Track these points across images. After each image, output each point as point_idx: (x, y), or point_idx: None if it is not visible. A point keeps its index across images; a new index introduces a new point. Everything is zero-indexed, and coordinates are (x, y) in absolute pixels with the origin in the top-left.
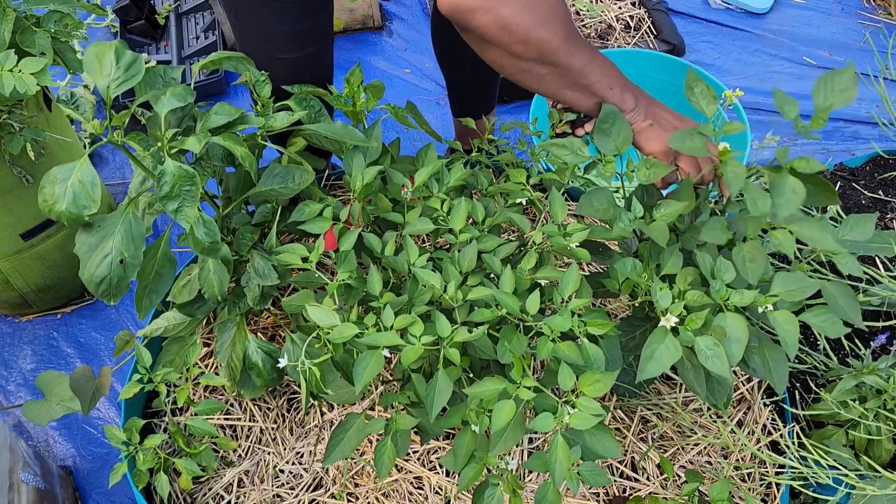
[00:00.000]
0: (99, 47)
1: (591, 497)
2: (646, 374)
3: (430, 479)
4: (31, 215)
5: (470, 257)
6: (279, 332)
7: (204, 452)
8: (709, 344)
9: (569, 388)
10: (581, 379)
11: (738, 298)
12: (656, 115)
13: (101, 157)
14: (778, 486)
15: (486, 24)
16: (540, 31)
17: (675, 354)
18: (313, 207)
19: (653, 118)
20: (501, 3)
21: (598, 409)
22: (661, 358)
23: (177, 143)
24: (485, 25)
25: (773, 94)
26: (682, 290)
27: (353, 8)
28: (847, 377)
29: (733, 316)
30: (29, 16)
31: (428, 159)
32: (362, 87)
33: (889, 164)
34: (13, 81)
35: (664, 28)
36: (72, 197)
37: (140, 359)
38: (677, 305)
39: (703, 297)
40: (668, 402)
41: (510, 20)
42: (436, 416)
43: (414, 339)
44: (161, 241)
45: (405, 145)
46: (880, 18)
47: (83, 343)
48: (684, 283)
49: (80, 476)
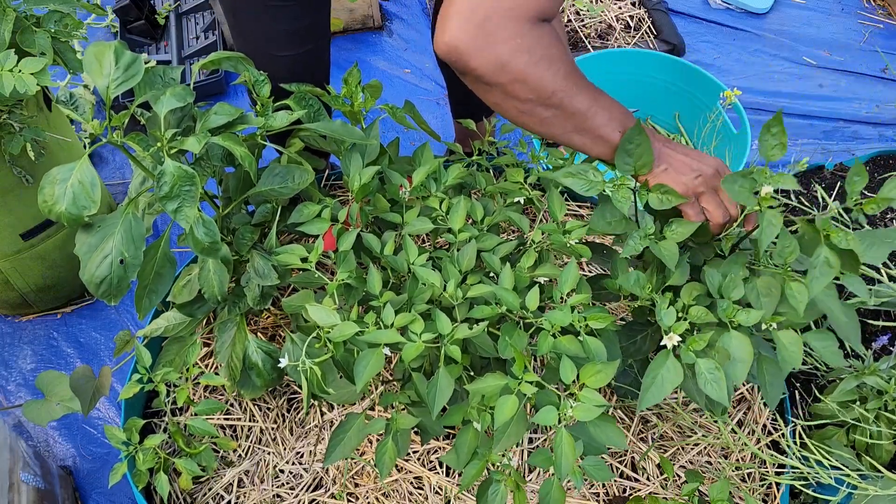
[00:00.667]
0: (98, 47)
1: (592, 497)
2: (647, 402)
3: (430, 479)
4: (31, 215)
5: (469, 256)
6: (279, 332)
7: (204, 452)
8: (710, 367)
9: (570, 380)
10: (582, 371)
11: (745, 318)
12: (670, 158)
13: (101, 157)
14: (778, 486)
15: (481, 64)
16: (537, 69)
17: (677, 379)
18: (312, 208)
19: (666, 163)
20: (495, 42)
21: (601, 400)
22: (662, 383)
23: (176, 144)
24: (481, 66)
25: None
26: (686, 304)
27: (353, 8)
28: (848, 378)
29: (738, 336)
30: (29, 16)
31: (424, 159)
32: (360, 87)
33: (889, 164)
34: (13, 81)
35: (664, 28)
36: (71, 197)
37: (140, 359)
38: (681, 324)
39: (708, 314)
40: (668, 402)
41: (505, 59)
42: (437, 414)
43: (414, 337)
44: (161, 242)
45: (405, 145)
46: (880, 18)
47: (83, 343)
48: (689, 298)
49: (80, 476)
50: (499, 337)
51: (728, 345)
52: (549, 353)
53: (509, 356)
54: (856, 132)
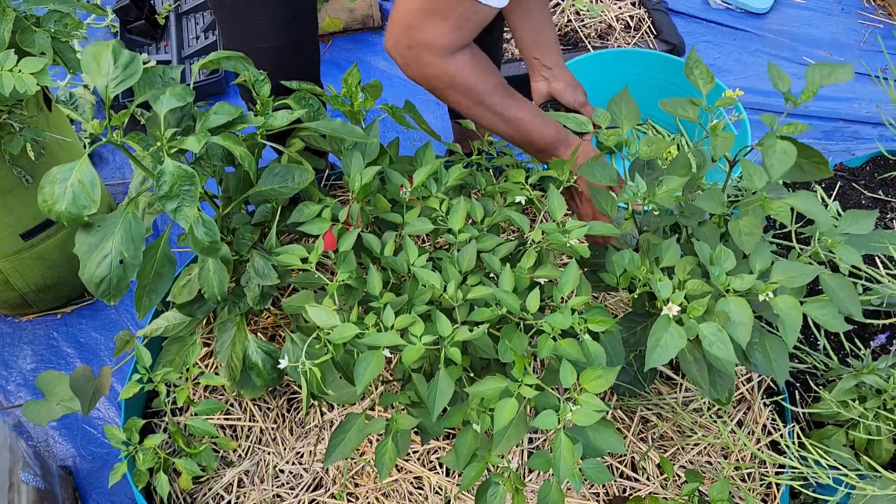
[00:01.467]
0: (96, 47)
1: (592, 497)
2: (653, 363)
3: (430, 479)
4: (31, 215)
5: (469, 257)
6: (279, 332)
7: (204, 452)
8: (712, 330)
9: (570, 384)
10: (582, 375)
11: (739, 283)
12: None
13: (101, 157)
14: (778, 486)
15: (414, 78)
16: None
17: (681, 342)
18: (312, 208)
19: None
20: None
21: (600, 405)
22: (666, 346)
23: (176, 143)
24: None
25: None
26: (681, 280)
27: (353, 8)
28: (847, 377)
29: (736, 300)
30: (29, 16)
31: (426, 159)
32: (360, 87)
33: (889, 163)
34: (13, 81)
35: (664, 28)
36: (71, 197)
37: (140, 359)
38: (678, 294)
39: (703, 285)
40: (668, 402)
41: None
42: (437, 416)
43: (415, 340)
44: (160, 241)
45: (405, 145)
46: (880, 18)
47: (83, 343)
48: (684, 273)
49: (80, 476)
50: (499, 338)
51: (727, 308)
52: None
53: (509, 360)
54: (856, 132)
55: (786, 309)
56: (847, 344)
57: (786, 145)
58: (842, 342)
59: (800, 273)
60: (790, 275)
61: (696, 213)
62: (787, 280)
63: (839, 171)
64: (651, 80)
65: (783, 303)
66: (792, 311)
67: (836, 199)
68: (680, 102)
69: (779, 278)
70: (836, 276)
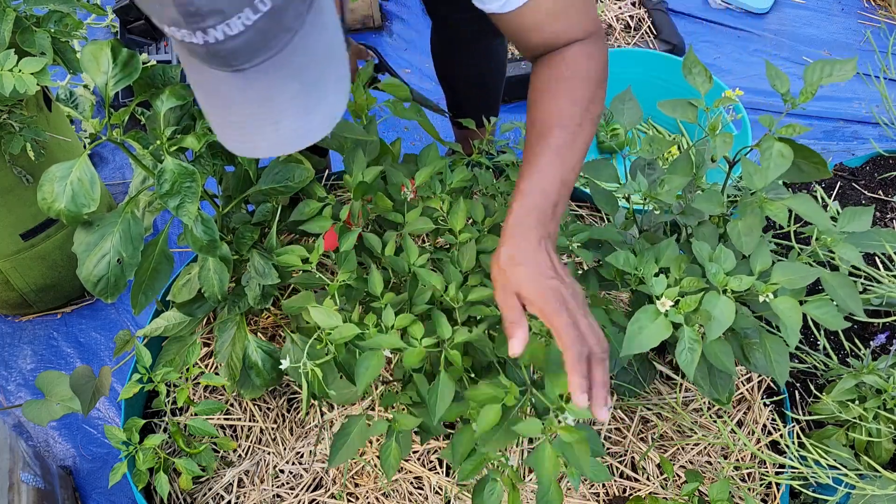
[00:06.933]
0: (95, 46)
1: (591, 497)
2: (631, 350)
3: (430, 479)
4: (31, 215)
5: (469, 257)
6: (279, 332)
7: (204, 452)
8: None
9: (556, 395)
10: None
11: (737, 284)
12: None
13: (101, 157)
14: (778, 486)
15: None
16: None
17: (664, 332)
18: (313, 206)
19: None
20: None
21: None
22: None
23: (176, 141)
24: None
25: (766, 68)
26: (677, 278)
27: (353, 8)
28: (847, 377)
29: (724, 299)
30: (29, 16)
31: (430, 159)
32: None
33: (889, 163)
34: (13, 81)
35: (664, 28)
36: (71, 195)
37: (140, 359)
38: (672, 290)
39: (699, 282)
40: (668, 402)
41: None
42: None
43: (415, 342)
44: (159, 239)
45: (405, 146)
46: (880, 18)
47: (83, 343)
48: (679, 271)
49: (80, 476)
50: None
51: (712, 306)
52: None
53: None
54: (856, 132)
55: (786, 310)
56: (847, 344)
57: (782, 147)
58: (842, 342)
59: (800, 275)
60: (790, 276)
61: (696, 213)
62: (788, 282)
63: (839, 171)
64: (651, 81)
65: (783, 304)
66: (792, 313)
67: (837, 199)
68: (678, 104)
69: (779, 279)
70: (836, 274)
